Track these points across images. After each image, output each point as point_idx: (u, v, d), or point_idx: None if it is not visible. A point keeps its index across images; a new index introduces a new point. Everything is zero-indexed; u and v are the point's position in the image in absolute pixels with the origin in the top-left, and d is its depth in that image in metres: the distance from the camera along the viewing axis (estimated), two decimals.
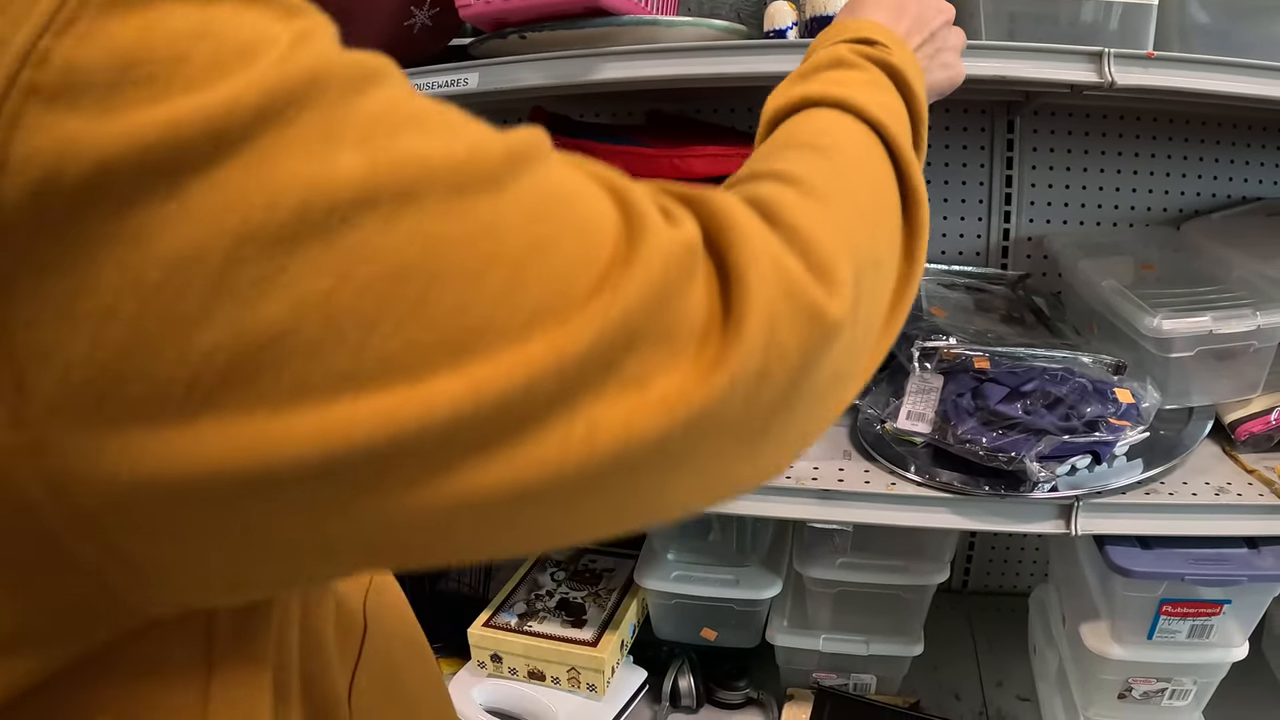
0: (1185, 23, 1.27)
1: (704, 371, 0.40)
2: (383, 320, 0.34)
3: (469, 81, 1.29)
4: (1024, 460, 1.18)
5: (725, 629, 1.67)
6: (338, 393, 0.34)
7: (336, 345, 0.34)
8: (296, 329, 0.33)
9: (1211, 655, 1.32)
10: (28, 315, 0.31)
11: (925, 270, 1.59)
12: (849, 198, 0.56)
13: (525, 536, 0.42)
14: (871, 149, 0.63)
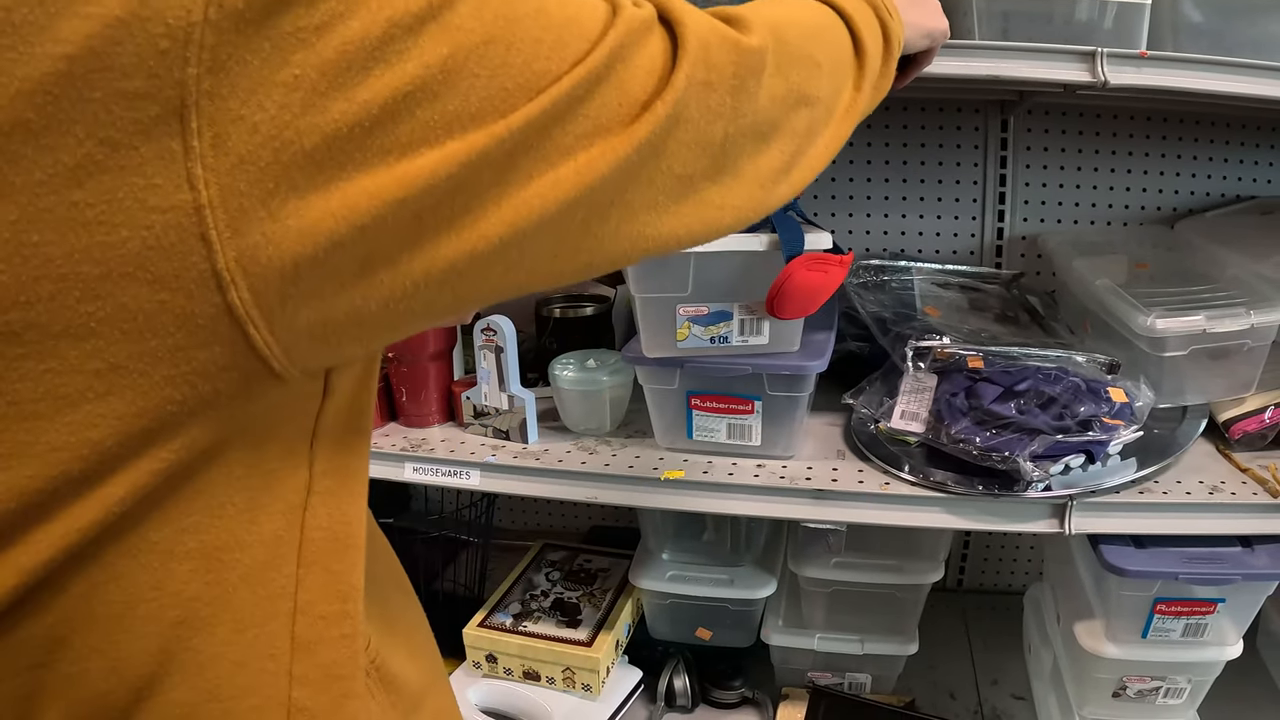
0: (1178, 21, 1.27)
1: (667, 79, 0.56)
2: (480, 72, 0.47)
3: None
4: (1018, 460, 1.18)
5: (720, 629, 1.67)
6: (450, 131, 0.46)
7: (451, 92, 0.46)
8: (425, 83, 0.45)
9: (1206, 654, 1.32)
10: (233, 84, 0.40)
11: (920, 269, 1.61)
12: (785, 13, 0.71)
13: (558, 250, 0.55)
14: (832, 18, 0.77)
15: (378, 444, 1.44)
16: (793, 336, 1.32)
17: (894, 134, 1.73)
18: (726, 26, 0.62)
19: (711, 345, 1.31)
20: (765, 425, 1.35)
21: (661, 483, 1.32)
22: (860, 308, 1.50)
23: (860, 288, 1.55)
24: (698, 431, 1.37)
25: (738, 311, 1.29)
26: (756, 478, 1.31)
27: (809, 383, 1.32)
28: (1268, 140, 1.65)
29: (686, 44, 0.57)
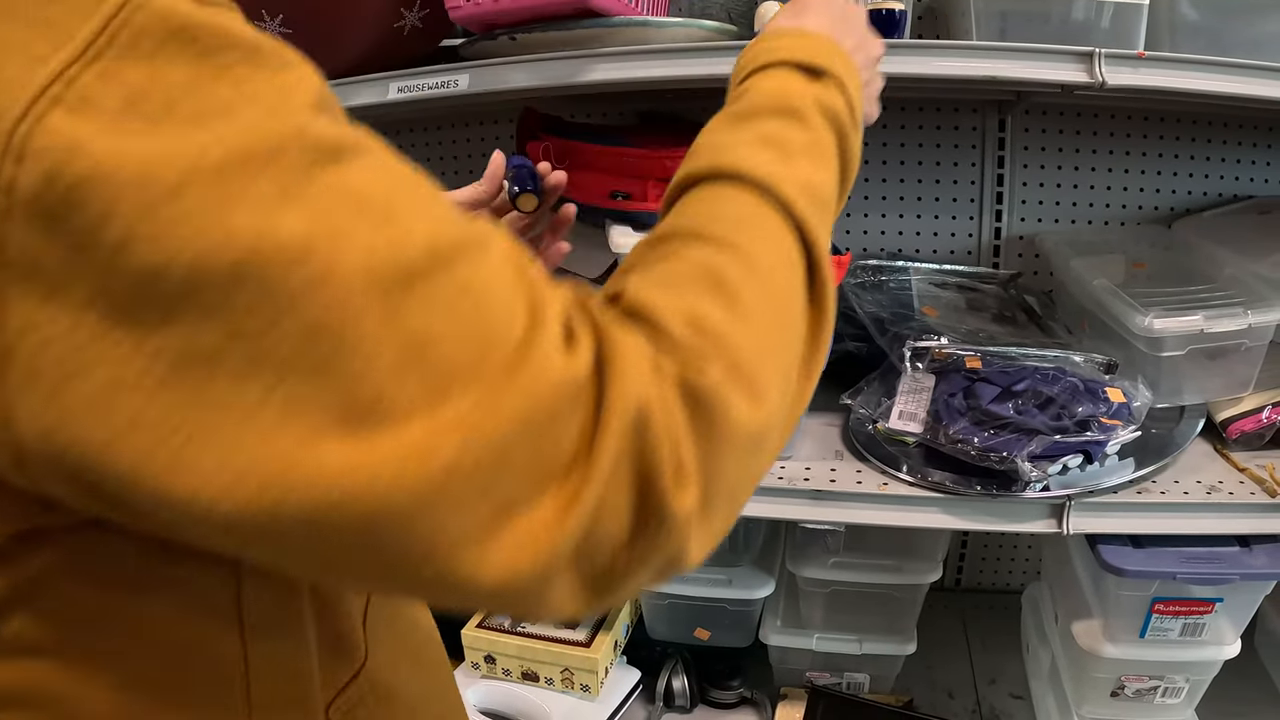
0: (1176, 21, 1.27)
1: (561, 508, 0.43)
2: (292, 370, 0.39)
3: (459, 83, 1.29)
4: (1016, 460, 1.18)
5: (719, 629, 1.67)
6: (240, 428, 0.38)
7: (247, 381, 0.38)
8: (218, 357, 0.38)
9: (1204, 653, 1.32)
10: (22, 288, 0.36)
11: (917, 269, 1.61)
12: (751, 315, 0.54)
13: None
14: (788, 255, 0.60)
15: None
16: None
17: (891, 134, 1.73)
18: (664, 464, 0.45)
19: None
20: None
21: None
22: (858, 308, 1.50)
23: (858, 288, 1.55)
24: None
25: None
26: None
27: None
28: (1265, 140, 1.65)
29: (598, 459, 0.44)
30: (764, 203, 0.59)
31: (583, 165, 1.35)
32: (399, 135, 1.99)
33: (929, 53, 1.17)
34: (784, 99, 0.67)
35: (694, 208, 0.60)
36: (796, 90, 0.68)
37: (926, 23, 1.61)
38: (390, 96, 1.32)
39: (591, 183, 1.33)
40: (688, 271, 0.54)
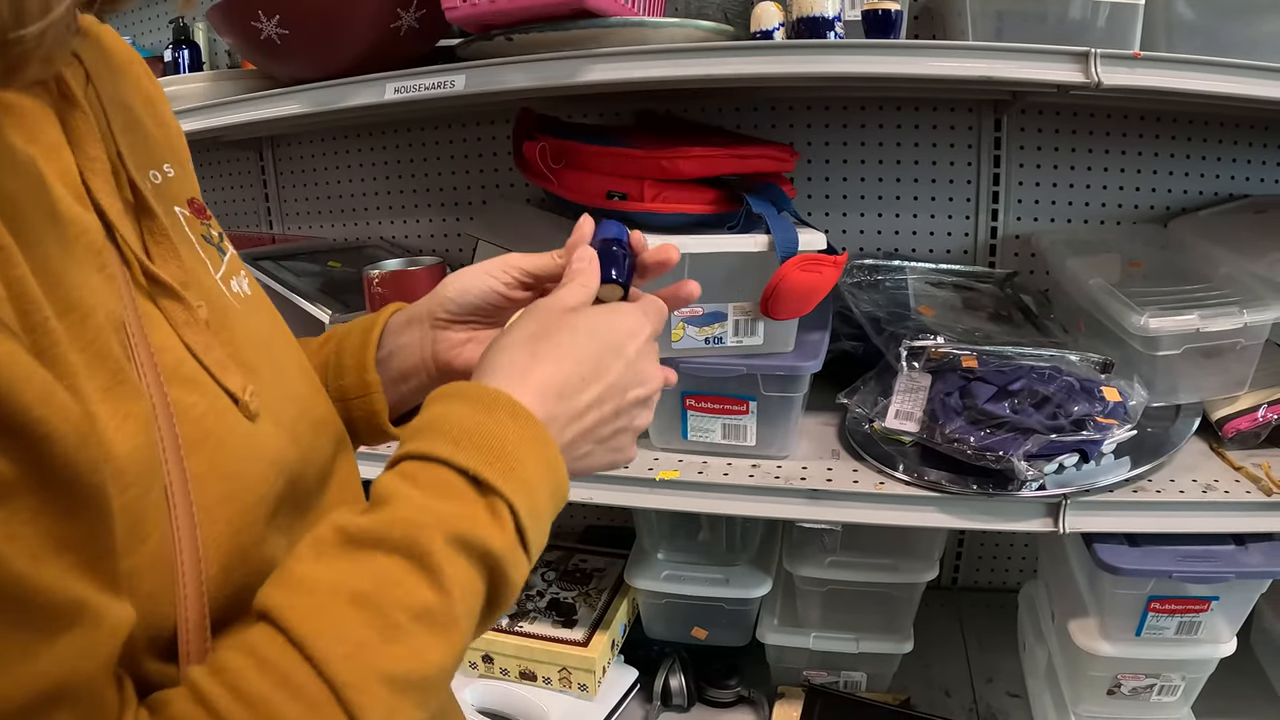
0: (1172, 21, 1.28)
1: None
2: None
3: (456, 84, 1.29)
4: (1012, 459, 1.18)
5: (716, 628, 1.67)
6: None
7: None
8: None
9: (1200, 651, 1.33)
10: None
11: (914, 269, 1.61)
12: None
13: None
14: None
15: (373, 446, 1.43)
16: (787, 337, 1.33)
17: (888, 134, 1.74)
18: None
19: (706, 346, 1.31)
20: (760, 425, 1.35)
21: (657, 483, 1.32)
22: (855, 307, 1.50)
23: (854, 287, 1.55)
24: (693, 432, 1.38)
25: (732, 312, 1.29)
26: (751, 478, 1.32)
27: (803, 383, 1.32)
28: (1260, 139, 1.65)
29: None
30: (330, 704, 0.49)
31: (579, 165, 1.35)
32: (395, 135, 1.99)
33: (925, 53, 1.17)
34: (415, 533, 0.54)
35: (250, 680, 0.49)
36: (441, 517, 0.55)
37: (922, 22, 1.62)
38: (387, 97, 1.33)
39: (588, 183, 1.33)
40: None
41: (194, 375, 0.56)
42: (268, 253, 1.72)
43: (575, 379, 0.67)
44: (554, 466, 0.62)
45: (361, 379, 0.84)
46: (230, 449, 0.56)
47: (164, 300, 0.57)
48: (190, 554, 0.52)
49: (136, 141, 0.64)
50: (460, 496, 0.57)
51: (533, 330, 0.69)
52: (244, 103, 1.43)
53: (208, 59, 2.01)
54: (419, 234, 2.03)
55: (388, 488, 0.57)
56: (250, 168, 2.11)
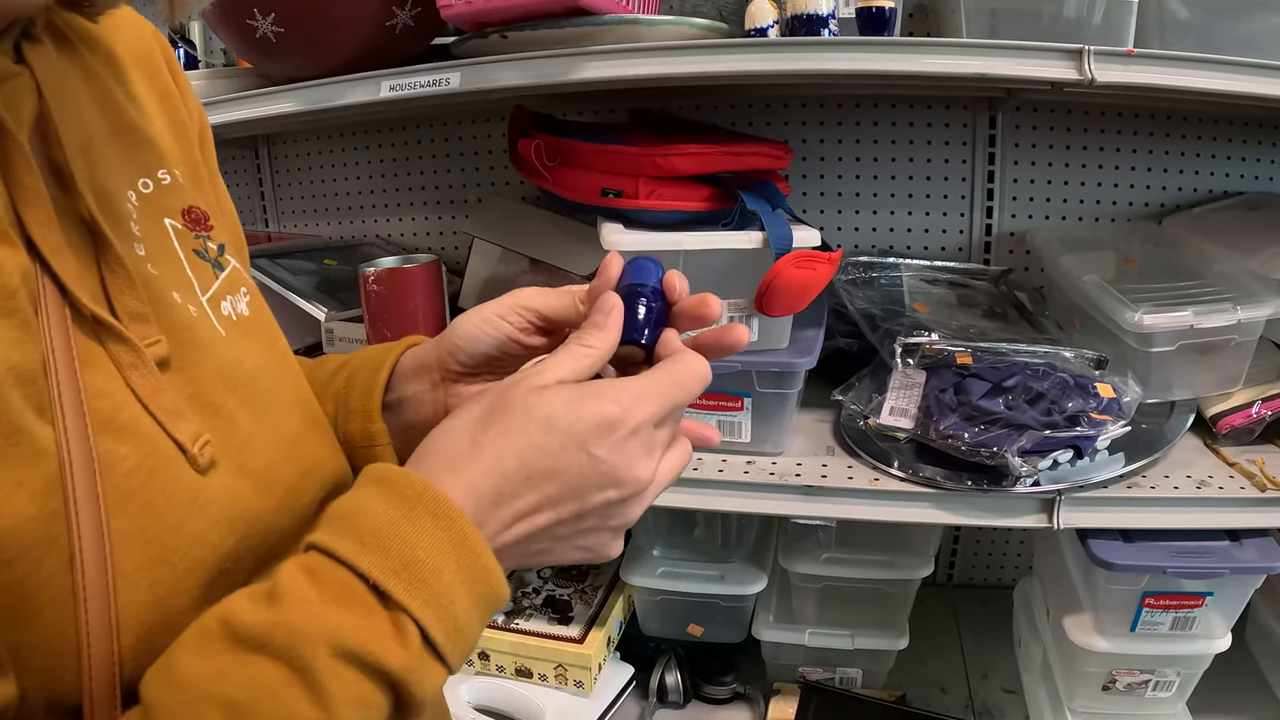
0: (1165, 18, 1.28)
1: None
2: None
3: (451, 81, 1.29)
4: (1006, 455, 1.19)
5: (711, 625, 1.67)
6: None
7: None
8: None
9: (1194, 647, 1.33)
10: None
11: (908, 266, 1.61)
12: None
13: None
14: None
15: None
16: (782, 334, 1.33)
17: (882, 131, 1.74)
18: None
19: None
20: (755, 422, 1.35)
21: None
22: (849, 304, 1.50)
23: (849, 284, 1.55)
24: None
25: (727, 309, 1.29)
26: (746, 474, 1.32)
27: (798, 380, 1.32)
28: (1255, 136, 1.66)
29: None
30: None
31: (574, 163, 1.35)
32: (390, 134, 1.99)
33: (919, 50, 1.17)
34: (299, 645, 0.49)
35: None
36: (334, 628, 0.50)
37: (917, 20, 1.62)
38: (382, 95, 1.33)
39: (583, 180, 1.33)
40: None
41: (131, 422, 0.52)
42: (264, 251, 1.72)
43: (518, 478, 0.58)
44: (482, 576, 0.55)
45: (366, 429, 0.78)
46: (160, 510, 0.52)
47: (109, 341, 0.53)
48: (100, 626, 0.49)
49: (117, 154, 0.61)
50: (360, 605, 0.51)
51: (482, 412, 0.60)
52: (240, 101, 1.43)
53: (203, 57, 2.01)
54: (414, 232, 2.03)
55: (287, 582, 0.51)
56: (246, 166, 2.11)
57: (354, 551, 0.52)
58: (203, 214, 0.66)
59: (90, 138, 0.59)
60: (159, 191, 0.63)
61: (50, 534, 0.47)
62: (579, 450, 0.58)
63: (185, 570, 0.53)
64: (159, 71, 0.69)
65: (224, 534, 0.55)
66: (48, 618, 0.47)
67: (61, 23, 0.61)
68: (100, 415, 0.51)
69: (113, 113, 0.62)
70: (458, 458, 0.58)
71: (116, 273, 0.55)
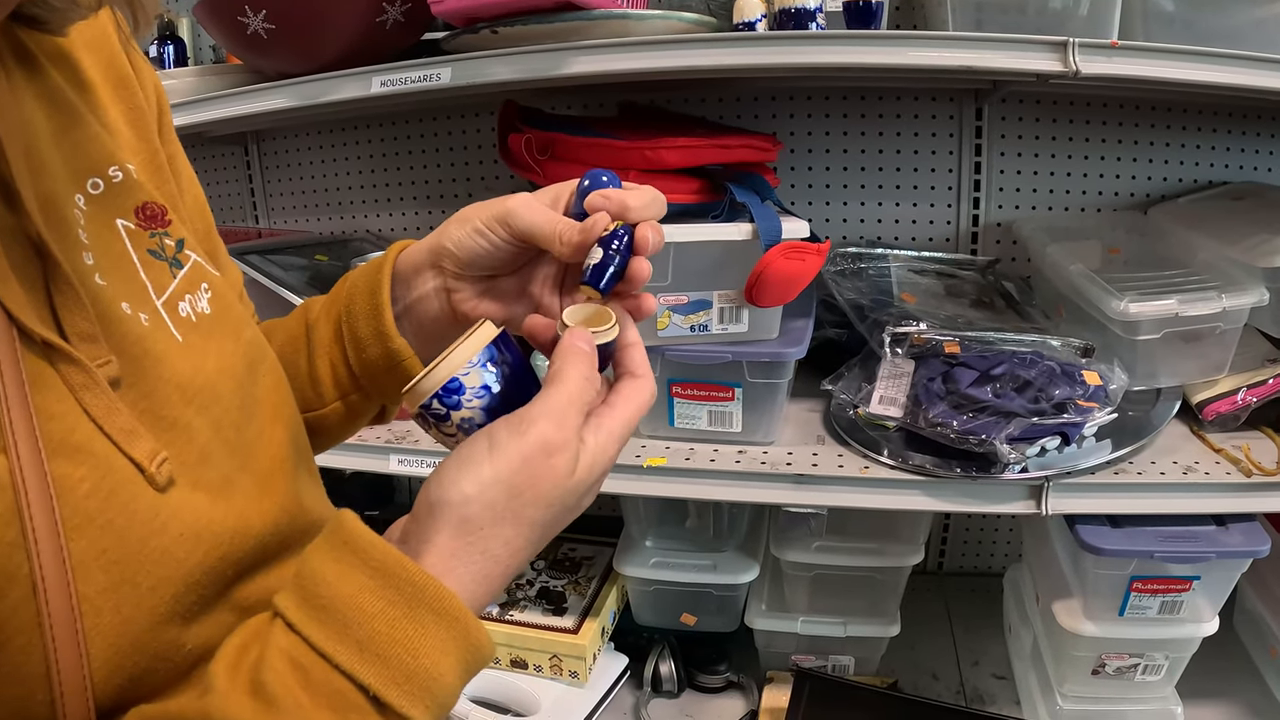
0: (1149, 10, 1.29)
1: None
2: None
3: (442, 77, 1.30)
4: (994, 442, 1.20)
5: (704, 614, 1.68)
6: None
7: None
8: None
9: (1182, 630, 1.34)
10: None
11: (896, 257, 1.62)
12: None
13: None
14: None
15: (362, 436, 1.44)
16: (771, 324, 1.34)
17: (869, 123, 1.75)
18: None
19: (691, 334, 1.32)
20: (746, 412, 1.36)
21: (644, 470, 1.34)
22: (838, 295, 1.52)
23: (837, 275, 1.57)
24: (679, 419, 1.39)
25: (717, 300, 1.31)
26: (738, 464, 1.33)
27: (788, 369, 1.34)
28: (1239, 127, 1.67)
29: None
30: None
31: (564, 157, 1.36)
32: (380, 129, 2.00)
33: (906, 43, 1.18)
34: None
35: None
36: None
37: (903, 14, 1.63)
38: (374, 90, 1.33)
39: (573, 174, 1.33)
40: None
41: (86, 444, 0.52)
42: (254, 247, 1.73)
43: (530, 549, 0.60)
44: (480, 662, 0.56)
45: (386, 349, 0.76)
46: (121, 530, 0.51)
47: (60, 363, 0.52)
48: (68, 652, 0.48)
49: (65, 155, 0.59)
50: (354, 712, 0.50)
51: (508, 500, 0.57)
52: (231, 97, 1.44)
53: (192, 54, 2.01)
54: (404, 227, 2.04)
55: (275, 681, 0.50)
56: (235, 163, 2.11)
57: (350, 658, 0.51)
58: (159, 209, 0.64)
59: (35, 141, 0.57)
60: (110, 191, 0.61)
61: (10, 565, 0.47)
62: (576, 509, 0.61)
63: (149, 589, 0.52)
64: (114, 55, 0.67)
65: (188, 549, 0.54)
66: (14, 648, 0.47)
67: (20, 40, 0.59)
68: (53, 438, 0.50)
69: (60, 109, 0.60)
70: (494, 561, 0.57)
71: (65, 293, 0.54)
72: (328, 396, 0.81)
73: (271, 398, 0.68)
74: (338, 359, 0.80)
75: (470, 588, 0.55)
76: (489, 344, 0.64)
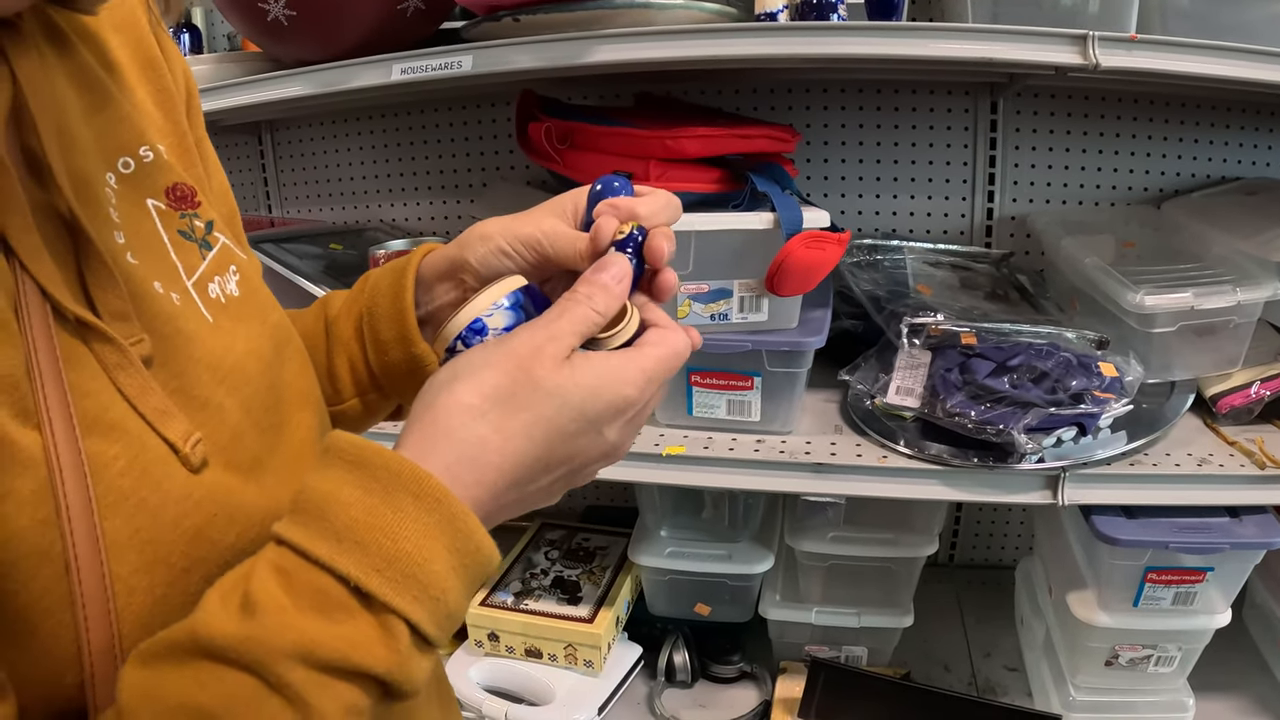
0: (1166, 5, 1.30)
1: None
2: None
3: (463, 64, 1.30)
4: (1012, 432, 1.21)
5: (718, 604, 1.69)
6: None
7: None
8: None
9: (1195, 622, 1.35)
10: None
11: (911, 249, 1.63)
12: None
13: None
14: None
15: (382, 426, 1.44)
16: (791, 313, 1.34)
17: (885, 116, 1.75)
18: None
19: (712, 322, 1.33)
20: (764, 401, 1.37)
21: (663, 458, 1.34)
22: (855, 286, 1.52)
23: (854, 267, 1.57)
24: (698, 408, 1.40)
25: (738, 289, 1.31)
26: (756, 452, 1.34)
27: (807, 358, 1.34)
28: (1253, 122, 1.68)
29: None
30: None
31: (584, 146, 1.36)
32: (395, 118, 2.00)
33: (927, 35, 1.19)
34: (272, 662, 0.47)
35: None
36: (310, 640, 0.47)
37: (920, 7, 1.63)
38: (394, 78, 1.34)
39: (593, 163, 1.34)
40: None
41: (120, 422, 0.51)
42: (269, 235, 1.73)
43: (538, 467, 0.57)
44: (474, 556, 0.53)
45: (408, 354, 0.76)
46: (155, 509, 0.51)
47: (94, 341, 0.52)
48: (101, 633, 0.48)
49: (96, 133, 0.58)
50: (339, 610, 0.48)
51: (503, 384, 0.56)
52: (249, 84, 1.44)
53: (207, 43, 2.02)
54: (419, 217, 2.05)
55: (259, 589, 0.48)
56: (249, 152, 2.12)
57: (329, 549, 0.49)
58: (189, 190, 0.63)
59: (67, 119, 0.57)
60: (140, 170, 0.60)
61: (43, 544, 0.46)
62: (594, 433, 0.59)
63: (183, 570, 0.51)
64: (142, 37, 0.66)
65: (222, 530, 0.54)
66: (47, 628, 0.47)
67: (51, 18, 0.58)
68: (87, 416, 0.50)
69: (90, 88, 0.59)
70: (479, 448, 0.55)
71: (98, 271, 0.53)
72: (345, 394, 0.81)
73: (298, 382, 0.68)
74: (357, 358, 0.80)
75: (455, 471, 0.53)
76: (515, 290, 0.64)
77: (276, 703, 0.46)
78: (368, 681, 0.49)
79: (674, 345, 0.63)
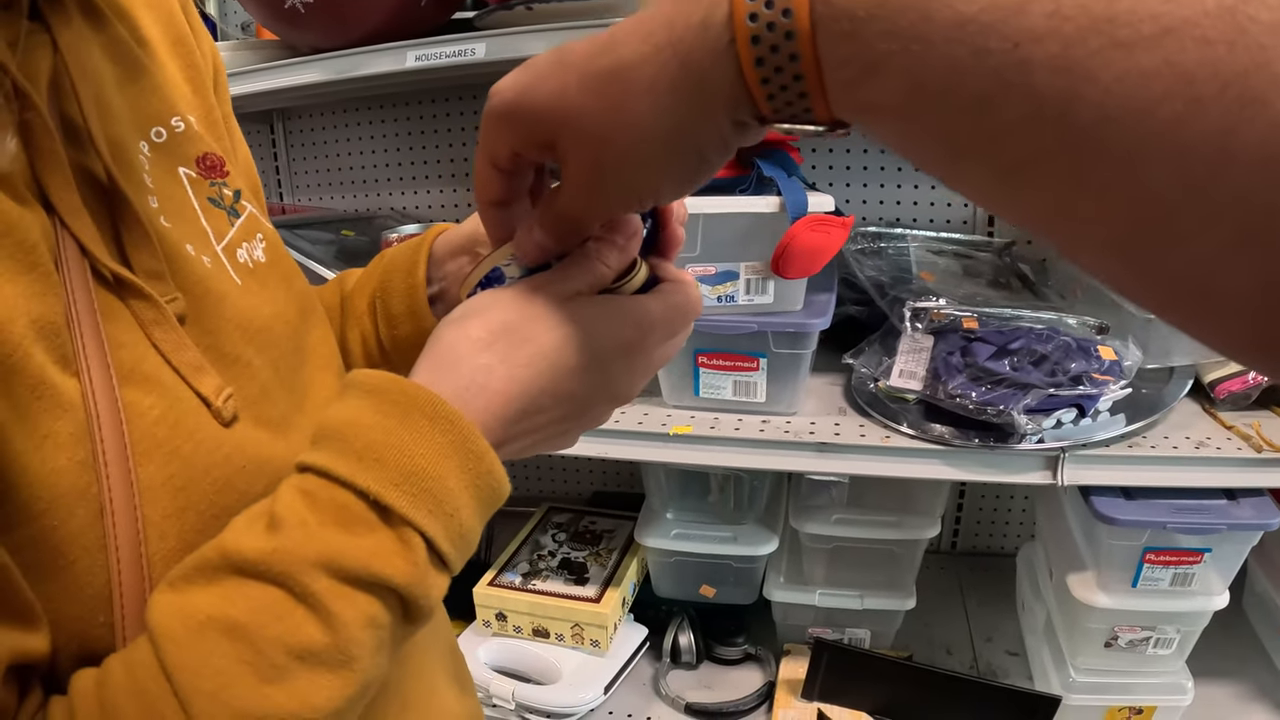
0: None
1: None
2: None
3: (476, 52, 1.32)
4: (1012, 413, 1.23)
5: (723, 586, 1.71)
6: None
7: None
8: None
9: (1193, 603, 1.37)
10: None
11: (915, 237, 1.65)
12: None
13: None
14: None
15: None
16: (796, 296, 1.36)
17: None
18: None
19: (719, 304, 1.35)
20: (770, 382, 1.39)
21: (670, 438, 1.37)
22: (859, 273, 1.54)
23: (858, 254, 1.59)
24: (704, 389, 1.42)
25: (744, 271, 1.33)
26: (762, 432, 1.36)
27: (812, 340, 1.36)
28: None
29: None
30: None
31: None
32: (406, 107, 2.02)
33: None
34: (297, 572, 0.49)
35: (121, 706, 0.48)
36: (333, 551, 0.50)
37: None
38: (408, 65, 1.36)
39: None
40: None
41: (155, 374, 0.53)
42: (280, 222, 1.75)
43: (544, 398, 0.58)
44: (485, 479, 0.54)
45: (419, 328, 0.78)
46: (187, 458, 0.53)
47: (130, 298, 0.54)
48: (132, 575, 0.50)
49: (129, 103, 0.61)
50: (360, 524, 0.50)
51: (505, 325, 0.57)
52: (265, 71, 1.47)
53: (221, 31, 2.04)
54: (430, 204, 2.07)
55: (284, 508, 0.50)
56: (260, 140, 2.14)
57: (350, 468, 0.51)
58: (218, 159, 0.66)
59: (103, 89, 0.59)
60: (172, 140, 0.63)
61: (80, 484, 0.48)
62: (600, 371, 0.59)
63: (213, 517, 0.53)
64: (172, 14, 0.68)
65: (250, 481, 0.56)
66: (80, 568, 0.48)
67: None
68: (124, 366, 0.52)
69: (124, 60, 0.61)
70: (485, 375, 0.56)
71: (134, 230, 0.55)
72: (356, 367, 0.81)
73: (321, 347, 0.71)
74: (369, 332, 0.82)
75: (465, 397, 0.55)
76: None
77: (302, 612, 0.48)
78: (388, 594, 0.51)
79: (681, 295, 0.64)
